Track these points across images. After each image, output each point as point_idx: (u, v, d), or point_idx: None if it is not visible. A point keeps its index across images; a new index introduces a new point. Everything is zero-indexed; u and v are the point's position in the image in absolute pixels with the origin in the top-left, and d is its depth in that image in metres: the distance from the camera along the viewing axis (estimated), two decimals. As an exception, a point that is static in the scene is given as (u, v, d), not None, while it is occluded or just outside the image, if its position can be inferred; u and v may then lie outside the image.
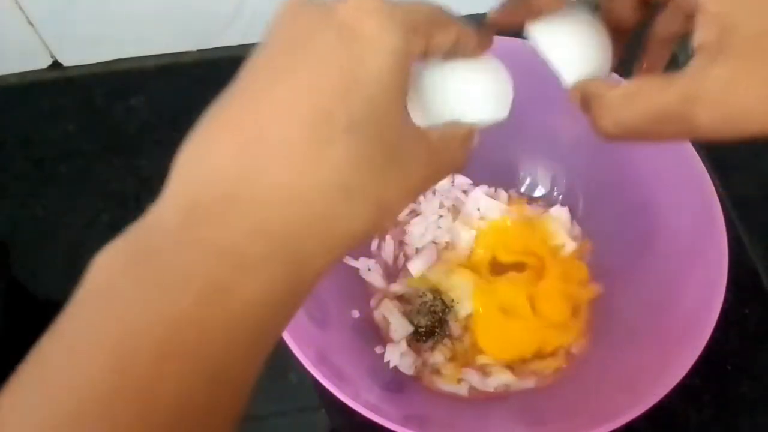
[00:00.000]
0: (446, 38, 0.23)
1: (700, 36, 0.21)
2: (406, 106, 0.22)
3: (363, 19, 0.20)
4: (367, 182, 0.20)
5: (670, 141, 0.30)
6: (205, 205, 0.19)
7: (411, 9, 0.22)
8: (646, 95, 0.22)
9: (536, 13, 0.26)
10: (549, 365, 0.45)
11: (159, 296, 0.18)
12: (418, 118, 0.24)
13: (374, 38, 0.20)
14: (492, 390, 0.44)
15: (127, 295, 0.18)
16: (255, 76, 0.21)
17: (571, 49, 0.26)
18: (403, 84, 0.21)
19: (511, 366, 0.45)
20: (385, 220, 0.22)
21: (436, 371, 0.45)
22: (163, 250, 0.18)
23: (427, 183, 0.23)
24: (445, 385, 0.44)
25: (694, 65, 0.21)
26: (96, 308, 0.18)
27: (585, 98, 0.25)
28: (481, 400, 0.44)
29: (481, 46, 0.25)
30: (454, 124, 0.25)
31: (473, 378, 0.45)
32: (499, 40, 0.26)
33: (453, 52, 0.24)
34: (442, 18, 0.23)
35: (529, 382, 0.45)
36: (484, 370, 0.45)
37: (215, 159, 0.19)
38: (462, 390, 0.44)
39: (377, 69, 0.20)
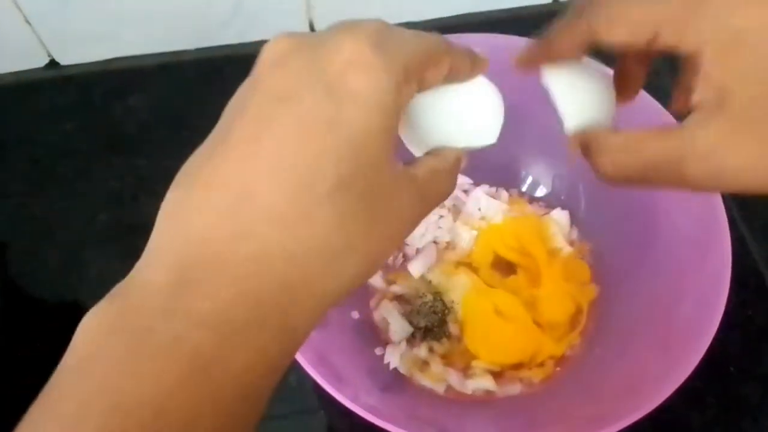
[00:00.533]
0: (438, 74, 0.23)
1: (699, 95, 0.22)
2: (393, 153, 0.21)
3: (355, 75, 0.20)
4: (355, 239, 0.20)
5: (665, 189, 0.31)
6: (192, 269, 0.18)
7: (404, 51, 0.21)
8: (644, 144, 0.24)
9: (553, 59, 0.27)
10: (537, 374, 0.45)
11: (147, 370, 0.17)
12: (407, 142, 0.25)
13: (366, 97, 0.20)
14: (470, 392, 0.44)
15: (114, 366, 0.17)
16: (241, 125, 0.20)
17: (577, 97, 0.27)
18: (392, 133, 0.21)
19: (500, 371, 0.45)
20: (374, 270, 0.22)
21: (422, 366, 0.45)
22: (151, 318, 0.18)
23: (415, 223, 0.23)
24: (425, 380, 0.44)
25: (690, 122, 0.23)
26: (84, 379, 0.18)
27: (585, 144, 0.26)
28: (484, 403, 0.44)
29: (476, 70, 0.25)
30: (442, 152, 0.25)
31: (453, 378, 0.44)
32: (503, 39, 0.26)
33: (446, 80, 0.24)
34: (436, 54, 0.23)
35: (513, 389, 0.44)
36: (465, 372, 0.45)
37: (203, 217, 0.19)
38: (439, 388, 0.44)
39: (367, 127, 0.20)
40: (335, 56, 0.20)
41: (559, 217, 0.50)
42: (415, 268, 0.48)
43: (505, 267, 0.49)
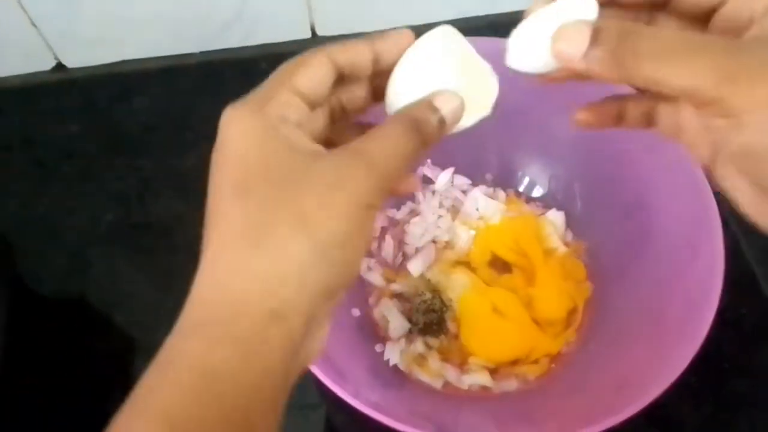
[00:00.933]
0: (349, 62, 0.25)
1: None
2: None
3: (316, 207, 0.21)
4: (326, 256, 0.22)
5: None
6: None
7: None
8: (712, 53, 0.20)
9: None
10: (532, 371, 0.45)
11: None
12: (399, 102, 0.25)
13: (325, 222, 0.21)
14: (466, 388, 0.45)
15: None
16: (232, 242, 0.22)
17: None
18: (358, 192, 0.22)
19: (496, 368, 0.46)
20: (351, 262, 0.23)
21: (420, 361, 0.46)
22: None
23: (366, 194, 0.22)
24: (423, 375, 0.45)
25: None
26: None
27: (622, 34, 0.21)
28: (481, 399, 0.45)
29: (401, 42, 0.25)
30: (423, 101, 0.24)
31: (450, 374, 0.45)
32: (501, 42, 0.26)
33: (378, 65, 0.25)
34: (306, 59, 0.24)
35: (509, 385, 0.45)
36: (462, 368, 0.46)
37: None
38: (437, 384, 0.45)
39: (333, 230, 0.21)
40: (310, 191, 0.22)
41: (555, 217, 0.51)
42: (415, 267, 0.49)
43: (500, 266, 0.50)
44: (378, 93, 0.27)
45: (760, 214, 0.23)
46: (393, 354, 0.45)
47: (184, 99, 0.60)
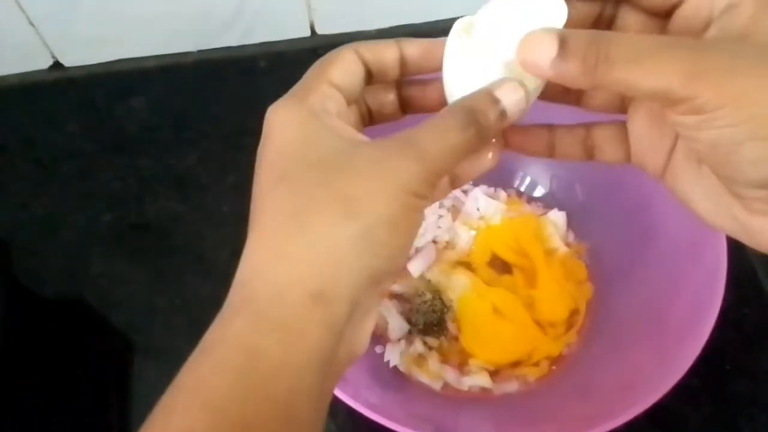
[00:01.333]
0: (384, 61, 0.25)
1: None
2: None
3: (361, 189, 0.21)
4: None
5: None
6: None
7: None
8: (679, 53, 0.20)
9: None
10: (532, 373, 0.45)
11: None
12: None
13: (370, 205, 0.21)
14: (466, 389, 0.45)
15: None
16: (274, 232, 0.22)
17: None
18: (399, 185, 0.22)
19: (496, 370, 0.45)
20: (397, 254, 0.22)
21: (419, 362, 0.46)
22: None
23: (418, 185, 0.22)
24: (422, 377, 0.45)
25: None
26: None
27: (591, 41, 0.21)
28: (481, 400, 0.45)
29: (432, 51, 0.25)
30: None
31: (449, 375, 0.45)
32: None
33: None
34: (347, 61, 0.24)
35: (509, 387, 0.45)
36: (462, 369, 0.45)
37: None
38: (436, 385, 0.45)
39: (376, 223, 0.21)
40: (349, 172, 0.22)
41: (556, 217, 0.51)
42: (415, 267, 0.49)
43: (501, 266, 0.50)
44: (406, 104, 0.27)
45: (716, 216, 0.23)
46: (393, 355, 0.45)
47: (183, 98, 0.59)
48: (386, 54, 0.25)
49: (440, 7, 0.60)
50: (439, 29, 0.40)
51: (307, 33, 0.61)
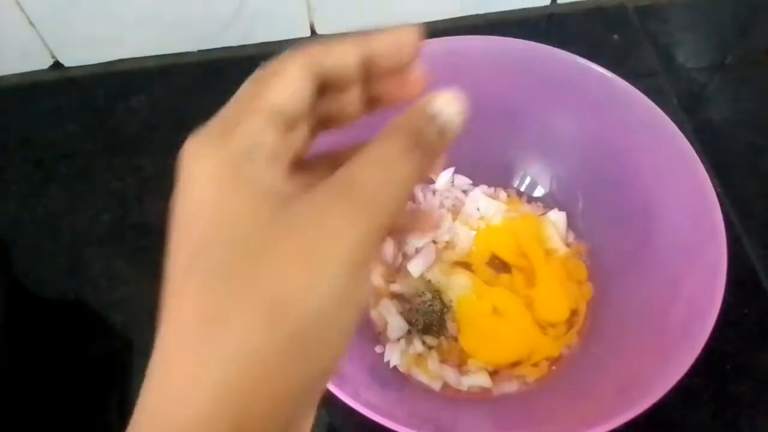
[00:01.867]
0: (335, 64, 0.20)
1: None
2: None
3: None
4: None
5: None
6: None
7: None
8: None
9: None
10: (532, 373, 0.45)
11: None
12: None
13: (302, 303, 0.17)
14: (466, 390, 0.45)
15: None
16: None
17: None
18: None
19: (496, 370, 0.45)
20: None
21: (418, 361, 0.46)
22: None
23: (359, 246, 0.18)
24: (422, 377, 0.45)
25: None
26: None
27: None
28: (481, 400, 0.45)
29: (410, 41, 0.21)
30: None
31: (449, 375, 0.45)
32: (501, 41, 0.26)
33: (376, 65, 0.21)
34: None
35: (509, 387, 0.45)
36: (461, 369, 0.45)
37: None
38: (436, 385, 0.45)
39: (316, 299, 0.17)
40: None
41: (556, 217, 0.51)
42: (415, 267, 0.49)
43: (500, 266, 0.50)
44: (375, 101, 0.22)
45: None
46: (393, 355, 0.45)
47: (183, 98, 0.59)
48: (344, 59, 0.20)
49: (441, 7, 0.60)
50: (439, 29, 0.40)
51: (308, 33, 0.61)
